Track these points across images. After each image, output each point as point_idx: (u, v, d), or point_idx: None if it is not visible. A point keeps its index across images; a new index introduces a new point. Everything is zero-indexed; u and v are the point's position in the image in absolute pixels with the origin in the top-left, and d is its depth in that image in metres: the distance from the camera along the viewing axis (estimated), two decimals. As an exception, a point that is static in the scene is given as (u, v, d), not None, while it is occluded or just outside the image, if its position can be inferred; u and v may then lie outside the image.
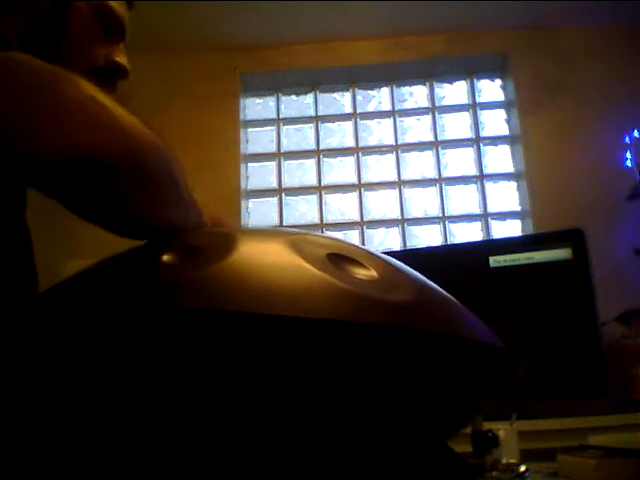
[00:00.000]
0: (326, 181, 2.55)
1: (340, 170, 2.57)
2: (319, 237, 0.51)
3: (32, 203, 0.66)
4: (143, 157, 0.47)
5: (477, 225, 2.45)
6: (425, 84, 2.63)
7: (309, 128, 2.63)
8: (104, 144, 0.44)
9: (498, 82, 2.62)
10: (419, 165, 2.55)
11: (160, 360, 0.39)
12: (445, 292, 0.51)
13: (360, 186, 2.52)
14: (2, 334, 0.47)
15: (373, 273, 0.45)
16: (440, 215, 2.45)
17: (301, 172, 2.58)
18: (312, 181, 2.55)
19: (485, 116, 2.58)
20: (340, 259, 0.46)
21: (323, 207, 2.50)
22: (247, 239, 0.47)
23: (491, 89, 2.62)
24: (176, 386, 0.39)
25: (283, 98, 2.67)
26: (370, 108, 2.64)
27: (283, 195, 2.53)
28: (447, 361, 0.42)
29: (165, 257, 0.45)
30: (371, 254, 0.50)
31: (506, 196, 2.47)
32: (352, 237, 2.45)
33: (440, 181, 2.50)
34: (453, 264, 1.80)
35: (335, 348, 0.38)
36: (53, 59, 0.67)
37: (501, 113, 2.58)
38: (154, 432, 0.41)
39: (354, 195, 2.52)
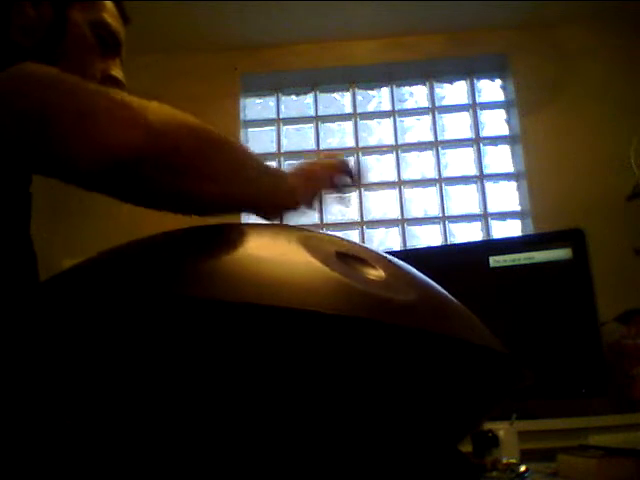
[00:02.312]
0: (326, 181, 2.54)
1: (340, 170, 2.57)
2: (328, 236, 0.51)
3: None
4: (177, 146, 0.49)
5: (477, 225, 2.45)
6: (425, 84, 2.63)
7: (309, 128, 2.62)
8: (134, 143, 0.47)
9: (498, 82, 2.62)
10: (419, 165, 2.55)
11: (164, 348, 0.39)
12: (449, 295, 0.51)
13: (360, 186, 2.52)
14: (7, 325, 0.47)
15: (381, 273, 0.45)
16: (440, 215, 2.45)
17: (301, 172, 2.58)
18: (312, 181, 2.54)
19: (485, 116, 2.58)
20: (348, 258, 0.46)
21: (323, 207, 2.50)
22: (256, 234, 0.48)
23: (491, 89, 2.62)
24: (178, 374, 0.39)
25: (283, 98, 2.67)
26: (370, 108, 2.64)
27: (283, 195, 2.53)
28: (450, 363, 0.42)
29: (173, 248, 0.45)
30: (378, 254, 0.50)
31: (506, 196, 2.47)
32: (352, 237, 2.45)
33: (440, 181, 2.50)
34: (453, 264, 1.80)
35: (340, 344, 0.38)
36: None
37: (501, 113, 2.58)
38: (155, 421, 0.41)
39: (354, 195, 2.52)
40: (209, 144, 0.53)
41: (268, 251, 0.44)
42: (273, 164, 2.59)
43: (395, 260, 0.51)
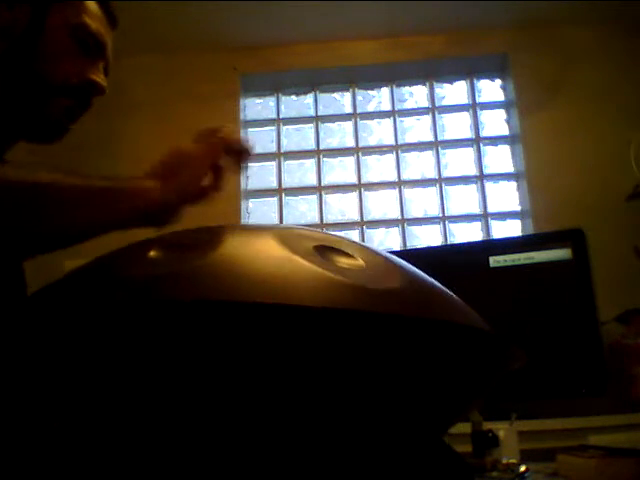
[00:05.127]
0: (326, 181, 2.55)
1: (340, 170, 2.57)
2: (307, 231, 0.51)
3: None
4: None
5: (477, 225, 2.45)
6: (425, 84, 2.63)
7: (309, 128, 2.62)
8: None
9: (498, 82, 2.62)
10: (419, 165, 2.55)
11: (149, 351, 0.39)
12: (435, 281, 0.51)
13: (360, 186, 2.52)
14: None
15: (360, 262, 0.46)
16: (440, 215, 2.45)
17: (301, 172, 2.58)
18: (312, 181, 2.55)
19: (485, 116, 2.58)
20: (327, 250, 0.46)
21: (323, 207, 2.50)
22: (235, 234, 0.48)
23: (491, 89, 2.62)
24: (165, 376, 0.39)
25: (283, 98, 2.67)
26: (370, 108, 2.64)
27: (283, 195, 2.53)
28: (436, 347, 0.42)
29: (152, 253, 0.46)
30: (358, 245, 0.51)
31: (506, 196, 2.47)
32: (352, 237, 2.45)
33: (440, 181, 2.50)
34: (453, 264, 1.80)
35: (322, 335, 0.38)
36: (30, 77, 0.69)
37: (501, 113, 2.58)
38: (148, 424, 0.41)
39: (354, 195, 2.52)
40: (31, 203, 0.55)
41: (248, 250, 0.45)
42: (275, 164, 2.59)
43: (375, 249, 0.52)
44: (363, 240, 2.44)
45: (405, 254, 2.07)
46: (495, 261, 1.81)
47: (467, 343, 0.44)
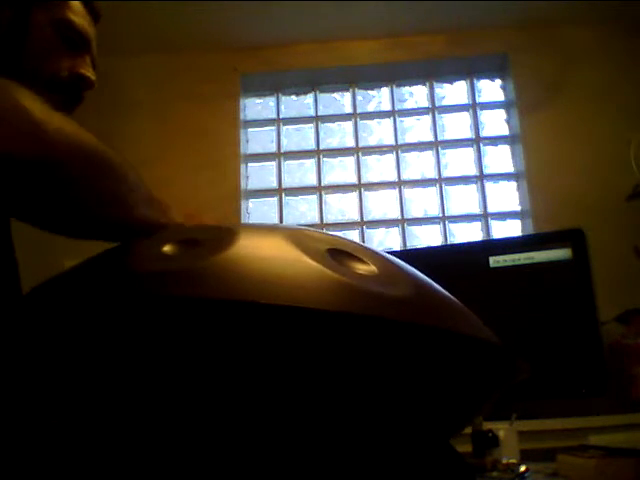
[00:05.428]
0: (326, 181, 2.55)
1: (340, 170, 2.57)
2: (319, 233, 0.51)
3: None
4: (61, 160, 0.49)
5: (477, 225, 2.45)
6: (425, 84, 2.63)
7: (309, 128, 2.62)
8: (16, 149, 0.46)
9: (498, 82, 2.62)
10: (419, 165, 2.55)
11: (153, 348, 0.39)
12: (444, 290, 0.51)
13: (360, 186, 2.52)
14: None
15: (372, 268, 0.46)
16: (440, 215, 2.45)
17: (301, 172, 2.58)
18: (312, 181, 2.55)
19: (485, 116, 2.58)
20: (340, 254, 0.46)
21: (323, 207, 2.50)
22: (248, 233, 0.48)
23: (491, 89, 2.62)
24: (168, 374, 0.39)
25: (283, 98, 2.67)
26: (370, 108, 2.64)
27: (283, 195, 2.53)
28: (443, 357, 0.42)
29: (165, 248, 0.45)
30: (371, 250, 0.51)
31: (506, 196, 2.47)
32: (352, 237, 2.45)
33: (440, 181, 2.50)
34: (453, 264, 1.80)
35: (332, 340, 0.38)
36: (17, 73, 0.69)
37: (501, 113, 2.58)
38: (148, 421, 0.41)
39: (354, 195, 2.52)
40: (99, 169, 0.53)
41: (259, 250, 0.44)
42: (274, 163, 2.59)
43: (387, 255, 0.52)
44: (363, 240, 2.44)
45: (405, 254, 2.07)
46: (495, 261, 1.81)
47: (474, 354, 0.44)
